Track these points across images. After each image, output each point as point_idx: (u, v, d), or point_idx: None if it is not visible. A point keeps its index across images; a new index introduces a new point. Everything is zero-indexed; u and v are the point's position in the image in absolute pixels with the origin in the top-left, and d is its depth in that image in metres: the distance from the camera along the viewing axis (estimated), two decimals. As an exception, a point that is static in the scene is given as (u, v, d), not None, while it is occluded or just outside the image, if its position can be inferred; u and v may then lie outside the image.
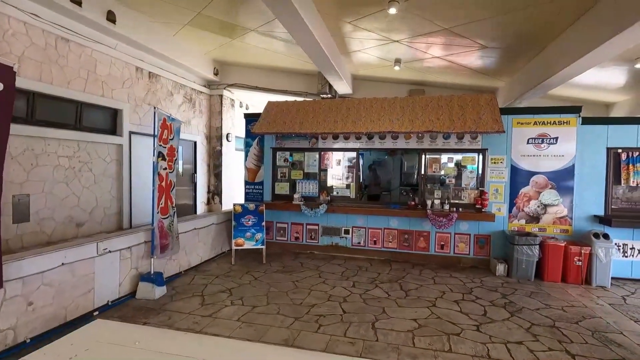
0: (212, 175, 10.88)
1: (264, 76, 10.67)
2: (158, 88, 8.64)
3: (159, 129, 4.69)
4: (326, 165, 6.97)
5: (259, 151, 7.33)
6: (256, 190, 7.37)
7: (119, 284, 4.27)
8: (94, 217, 7.02)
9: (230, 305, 4.28)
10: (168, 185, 5.00)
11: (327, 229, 6.93)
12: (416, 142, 6.42)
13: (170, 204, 5.04)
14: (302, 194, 7.00)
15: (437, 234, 6.39)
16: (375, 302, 4.52)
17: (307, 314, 4.09)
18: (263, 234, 6.33)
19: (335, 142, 6.81)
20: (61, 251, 3.51)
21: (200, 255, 5.99)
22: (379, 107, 6.40)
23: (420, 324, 3.89)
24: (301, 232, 7.08)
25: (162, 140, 4.76)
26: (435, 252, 6.43)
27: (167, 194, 4.97)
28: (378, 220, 6.65)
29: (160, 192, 4.73)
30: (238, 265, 6.01)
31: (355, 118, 6.27)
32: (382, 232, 6.68)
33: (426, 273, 5.82)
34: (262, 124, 6.61)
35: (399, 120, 6.02)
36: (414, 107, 6.23)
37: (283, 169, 7.22)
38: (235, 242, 6.17)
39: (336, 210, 6.54)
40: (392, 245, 6.64)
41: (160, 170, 4.75)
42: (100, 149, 7.14)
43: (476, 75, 8.39)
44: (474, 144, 6.18)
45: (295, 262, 6.29)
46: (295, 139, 7.02)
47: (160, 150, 4.75)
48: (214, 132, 10.89)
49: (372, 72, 9.40)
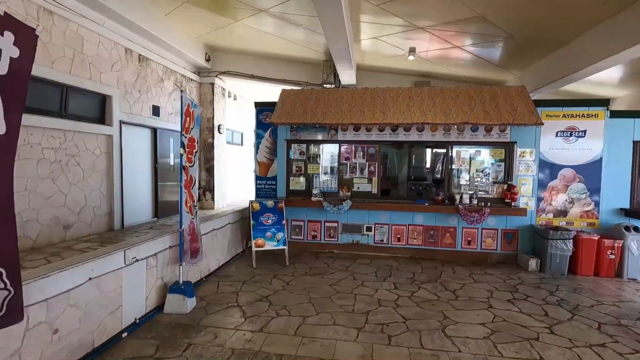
0: (203, 170, 10.11)
1: (260, 64, 10.00)
2: (148, 73, 7.78)
3: (184, 116, 4.04)
4: (346, 159, 6.54)
5: (271, 143, 6.75)
6: (269, 186, 6.81)
7: (145, 298, 3.63)
8: (82, 218, 6.17)
9: (277, 317, 3.78)
10: (188, 182, 4.36)
11: (348, 226, 6.52)
12: (443, 135, 6.16)
13: (192, 202, 4.41)
14: (320, 189, 6.54)
15: (464, 229, 6.20)
16: (429, 305, 4.20)
17: (367, 323, 3.69)
18: (284, 234, 5.82)
19: (356, 134, 6.40)
20: (88, 263, 2.85)
21: (218, 259, 5.38)
22: (406, 97, 6.06)
23: (492, 329, 3.61)
24: (319, 230, 6.62)
25: (184, 130, 4.12)
26: (462, 248, 6.23)
27: (189, 191, 4.34)
28: (402, 216, 6.34)
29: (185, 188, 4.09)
30: (260, 268, 5.46)
31: (383, 108, 5.89)
32: (407, 229, 6.38)
33: (460, 271, 5.60)
34: (281, 114, 6.05)
35: (431, 112, 5.71)
36: (443, 98, 5.94)
37: (298, 163, 6.71)
38: (255, 243, 5.61)
39: (360, 206, 6.14)
40: (416, 242, 6.37)
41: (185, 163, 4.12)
42: (88, 140, 6.26)
43: (486, 67, 8.29)
44: (503, 137, 6.02)
45: (319, 263, 5.84)
46: (312, 131, 6.53)
47: (182, 140, 4.11)
48: (205, 123, 10.10)
49: (378, 62, 9.05)
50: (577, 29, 6.03)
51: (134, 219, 7.29)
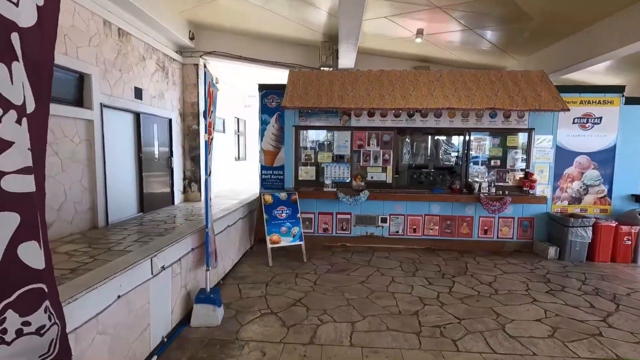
0: (187, 159, 9.32)
1: (250, 44, 9.27)
2: (129, 50, 6.88)
3: (207, 96, 3.44)
4: (359, 147, 6.14)
5: (278, 130, 6.19)
6: (275, 176, 6.27)
7: (171, 311, 3.07)
8: (63, 215, 5.37)
9: (322, 324, 3.36)
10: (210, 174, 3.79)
11: (361, 218, 6.17)
12: (461, 122, 5.92)
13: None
14: (332, 179, 6.11)
15: (481, 218, 6.05)
16: (473, 301, 3.97)
17: (422, 326, 3.37)
18: (300, 228, 5.36)
19: (371, 120, 6.00)
20: (115, 278, 2.27)
21: (232, 259, 4.84)
22: (426, 81, 5.72)
23: (551, 326, 3.43)
24: (330, 222, 6.22)
25: (208, 112, 3.53)
26: (478, 237, 6.10)
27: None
28: (418, 206, 6.08)
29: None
30: (278, 267, 4.99)
31: (404, 92, 5.52)
32: (423, 219, 6.14)
33: (483, 261, 5.45)
34: (292, 97, 5.50)
35: (455, 96, 5.42)
36: (464, 82, 5.67)
37: (308, 151, 6.22)
38: (270, 240, 5.11)
39: (374, 197, 5.79)
40: (432, 233, 6.15)
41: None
42: (66, 125, 5.42)
43: (489, 51, 8.15)
44: (521, 123, 5.87)
45: (337, 258, 5.46)
46: (322, 116, 6.04)
47: (205, 124, 3.52)
48: (189, 108, 9.28)
49: (377, 45, 8.65)
50: (596, 14, 5.95)
51: (119, 215, 6.51)
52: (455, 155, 6.39)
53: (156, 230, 5.83)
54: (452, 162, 6.67)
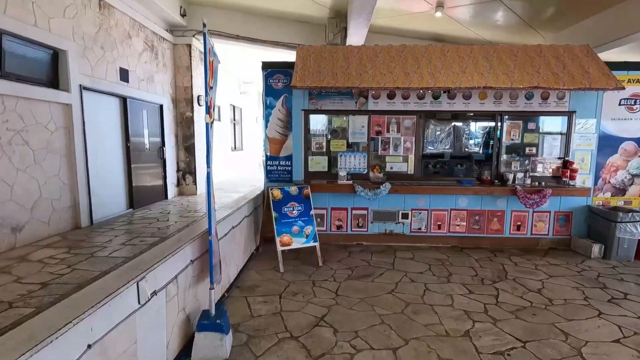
0: (181, 149, 8.53)
1: (248, 22, 8.42)
2: (112, 25, 6.02)
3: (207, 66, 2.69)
4: (377, 133, 5.42)
5: (285, 114, 5.42)
6: (282, 167, 5.53)
7: (166, 345, 2.37)
8: (37, 215, 4.60)
9: (357, 353, 2.70)
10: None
11: (380, 213, 5.49)
12: (493, 104, 5.22)
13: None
14: (347, 170, 5.40)
15: (514, 213, 5.41)
16: (528, 315, 3.33)
17: (480, 352, 2.72)
18: (314, 227, 4.66)
19: (391, 103, 5.28)
20: (83, 320, 1.55)
21: (237, 265, 4.14)
22: (455, 57, 4.99)
23: (635, 349, 2.80)
24: (345, 219, 5.53)
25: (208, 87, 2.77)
26: (510, 234, 5.46)
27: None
28: (443, 200, 5.42)
29: None
30: (290, 272, 4.31)
31: (432, 70, 4.79)
32: (449, 214, 5.48)
33: (520, 262, 4.82)
34: (303, 76, 4.74)
35: (491, 74, 4.70)
36: (500, 57, 4.95)
37: (319, 139, 5.48)
38: (280, 241, 4.41)
39: (395, 190, 5.10)
40: (459, 230, 5.50)
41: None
42: (38, 110, 4.60)
43: (514, 27, 7.40)
44: (560, 106, 5.19)
45: (356, 260, 4.80)
46: (335, 98, 5.30)
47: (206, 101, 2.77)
48: (182, 93, 8.44)
49: (389, 22, 7.85)
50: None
51: (105, 212, 5.75)
52: (485, 142, 5.69)
53: (148, 230, 5.09)
54: (482, 150, 5.98)
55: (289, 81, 5.31)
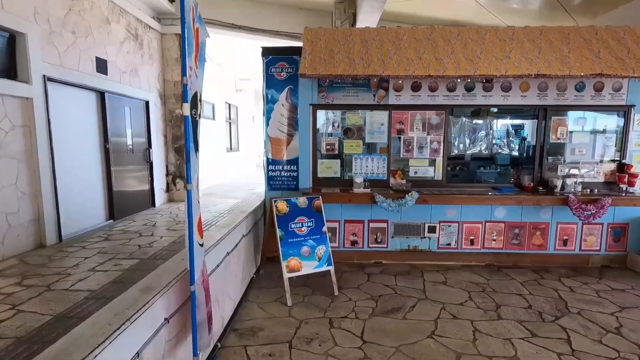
0: (171, 151, 7.65)
1: (246, 10, 7.57)
2: (86, 7, 5.12)
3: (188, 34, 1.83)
4: (399, 132, 4.58)
5: (290, 110, 4.56)
6: (286, 173, 4.66)
7: None
8: (-13, 235, 3.72)
9: None
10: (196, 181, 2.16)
11: (402, 227, 4.65)
12: (537, 97, 4.40)
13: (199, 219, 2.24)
14: (364, 175, 4.56)
15: (560, 225, 4.59)
16: (622, 373, 2.50)
17: None
18: (327, 247, 3.81)
19: (415, 96, 4.44)
20: None
21: (233, 299, 3.27)
22: (495, 40, 4.15)
23: None
24: (361, 233, 4.69)
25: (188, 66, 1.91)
26: (555, 250, 4.64)
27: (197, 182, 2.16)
28: (477, 210, 4.59)
29: None
30: (300, 306, 3.45)
31: (469, 55, 3.95)
32: (483, 227, 4.65)
33: (575, 285, 4.00)
34: (314, 61, 3.88)
35: (542, 59, 3.87)
36: (549, 40, 4.12)
37: (330, 139, 4.63)
38: (287, 266, 3.55)
39: (427, 200, 4.27)
40: (495, 245, 4.68)
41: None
42: (-13, 104, 3.73)
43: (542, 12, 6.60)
44: (617, 99, 4.38)
45: (378, 286, 3.95)
46: (350, 90, 4.46)
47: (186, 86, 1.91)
48: (171, 88, 7.55)
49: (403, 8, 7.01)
50: None
51: (79, 226, 4.85)
52: (526, 141, 4.87)
53: (126, 249, 4.21)
54: (522, 151, 5.17)
55: (294, 70, 4.46)
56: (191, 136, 1.72)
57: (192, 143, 1.73)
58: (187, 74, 1.75)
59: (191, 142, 1.73)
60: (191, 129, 1.73)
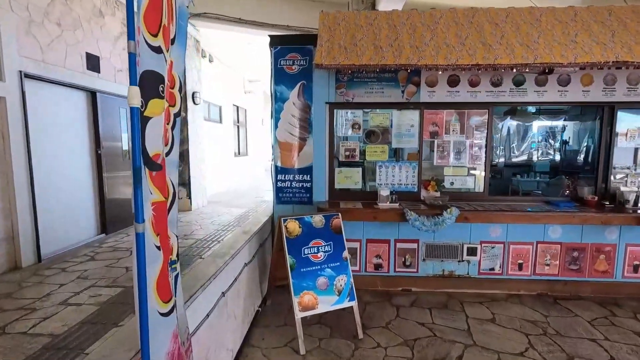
0: (173, 156, 7.03)
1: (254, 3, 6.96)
2: (75, -3, 4.55)
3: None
4: (433, 135, 3.85)
5: (302, 109, 3.86)
6: (298, 183, 3.95)
7: None
8: (-56, 258, 3.13)
9: None
10: (162, 204, 1.43)
11: (436, 248, 3.90)
12: (602, 92, 3.62)
13: (171, 252, 1.55)
14: (390, 187, 3.84)
15: (629, 248, 3.78)
16: None
17: None
18: (349, 276, 3.09)
19: (452, 92, 3.71)
20: None
21: (231, 350, 2.57)
22: (554, 22, 3.39)
23: None
24: (386, 255, 3.95)
25: (150, 28, 1.21)
26: (623, 278, 3.82)
27: (162, 225, 1.44)
28: (526, 230, 3.81)
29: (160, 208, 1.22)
30: (315, 354, 2.73)
31: (523, 39, 3.20)
32: (534, 249, 3.87)
33: (661, 328, 3.19)
34: (332, 49, 3.19)
35: (618, 44, 3.10)
36: (621, 21, 3.35)
37: (350, 144, 3.92)
38: (299, 303, 2.84)
39: (470, 218, 3.51)
40: (549, 271, 3.88)
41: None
42: (-56, 103, 3.14)
43: None
44: None
45: (412, 325, 3.21)
46: (374, 86, 3.75)
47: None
48: (174, 88, 6.94)
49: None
50: None
51: (64, 242, 4.23)
52: (584, 146, 4.09)
53: (111, 273, 3.55)
54: (581, 158, 4.39)
55: (307, 62, 3.77)
56: (139, 144, 1.04)
57: (141, 155, 1.04)
58: (136, 38, 1.07)
59: (140, 155, 1.04)
60: (139, 130, 1.05)
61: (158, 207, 1.20)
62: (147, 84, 1.10)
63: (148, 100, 1.11)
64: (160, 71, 1.19)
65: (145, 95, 1.08)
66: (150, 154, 1.10)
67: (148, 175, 1.10)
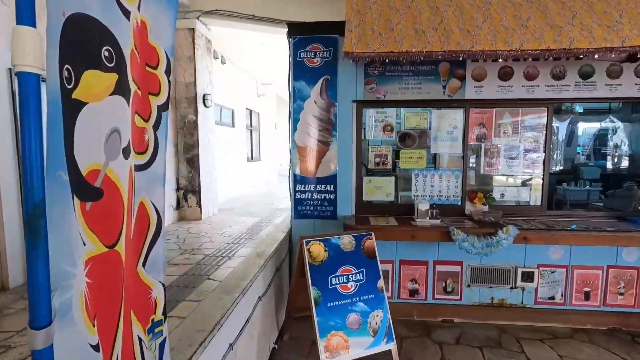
0: (182, 162, 6.66)
1: None
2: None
3: None
4: (480, 139, 3.25)
5: (325, 109, 3.32)
6: (320, 195, 3.40)
7: None
8: None
9: None
10: (102, 212, 0.89)
11: (483, 271, 3.29)
12: (691, 84, 2.97)
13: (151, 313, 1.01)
14: (428, 199, 3.25)
15: None
16: None
17: None
18: (386, 310, 2.52)
19: (503, 88, 3.12)
20: None
21: (240, 411, 2.03)
22: None
23: None
24: (423, 279, 3.35)
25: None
26: None
27: (133, 274, 0.91)
28: (594, 252, 3.16)
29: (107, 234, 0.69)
30: (347, 416, 2.17)
31: (600, 19, 2.59)
32: (604, 275, 3.21)
33: None
34: (365, 35, 2.65)
35: None
36: None
37: (381, 149, 3.36)
38: (326, 348, 2.27)
39: (529, 238, 2.88)
40: (623, 302, 3.22)
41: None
42: None
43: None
44: None
45: (461, 371, 2.61)
46: (410, 81, 3.19)
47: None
48: (183, 91, 6.57)
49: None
50: None
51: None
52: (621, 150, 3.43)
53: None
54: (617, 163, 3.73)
55: (331, 54, 3.24)
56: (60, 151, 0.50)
57: (60, 175, 0.51)
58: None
59: (55, 175, 0.51)
60: (37, 124, 0.52)
61: (99, 262, 0.68)
62: (78, 40, 0.58)
63: (80, 72, 0.59)
64: (109, 24, 0.67)
65: (74, 60, 0.57)
66: (82, 171, 0.58)
67: (78, 210, 0.58)
